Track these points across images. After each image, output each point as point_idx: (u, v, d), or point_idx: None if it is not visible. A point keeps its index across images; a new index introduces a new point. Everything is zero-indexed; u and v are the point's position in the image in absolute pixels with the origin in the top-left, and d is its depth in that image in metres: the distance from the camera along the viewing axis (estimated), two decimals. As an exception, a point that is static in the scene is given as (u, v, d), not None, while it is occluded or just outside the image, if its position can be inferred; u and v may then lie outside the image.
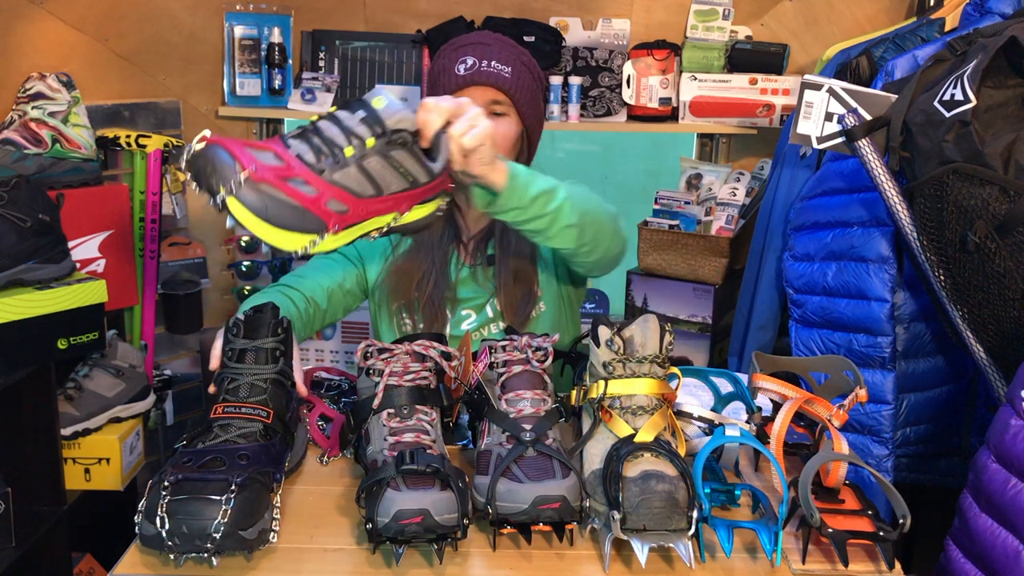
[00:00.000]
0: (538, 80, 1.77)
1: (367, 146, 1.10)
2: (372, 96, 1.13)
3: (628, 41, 2.64)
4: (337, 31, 2.62)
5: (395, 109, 1.13)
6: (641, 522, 1.04)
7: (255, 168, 1.02)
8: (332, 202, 1.07)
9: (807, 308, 1.83)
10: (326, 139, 1.09)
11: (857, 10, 2.49)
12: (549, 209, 1.34)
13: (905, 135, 1.46)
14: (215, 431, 1.15)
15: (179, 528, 1.01)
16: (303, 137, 1.09)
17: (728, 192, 2.51)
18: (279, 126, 2.78)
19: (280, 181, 1.04)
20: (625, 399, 1.17)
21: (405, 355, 1.24)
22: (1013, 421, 1.15)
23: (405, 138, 1.13)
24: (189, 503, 1.02)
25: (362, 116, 1.11)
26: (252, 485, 1.07)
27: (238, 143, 1.05)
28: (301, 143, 1.08)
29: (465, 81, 1.66)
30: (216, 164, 1.02)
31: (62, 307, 1.61)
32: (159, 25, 2.43)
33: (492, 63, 1.66)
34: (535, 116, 1.74)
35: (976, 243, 1.34)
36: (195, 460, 1.09)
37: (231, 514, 1.02)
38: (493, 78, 1.66)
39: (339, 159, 1.08)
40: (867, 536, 1.09)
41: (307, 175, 1.06)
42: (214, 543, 1.01)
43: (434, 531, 1.04)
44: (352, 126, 1.10)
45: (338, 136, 1.09)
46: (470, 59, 1.67)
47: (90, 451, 1.82)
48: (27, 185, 1.63)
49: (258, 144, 1.08)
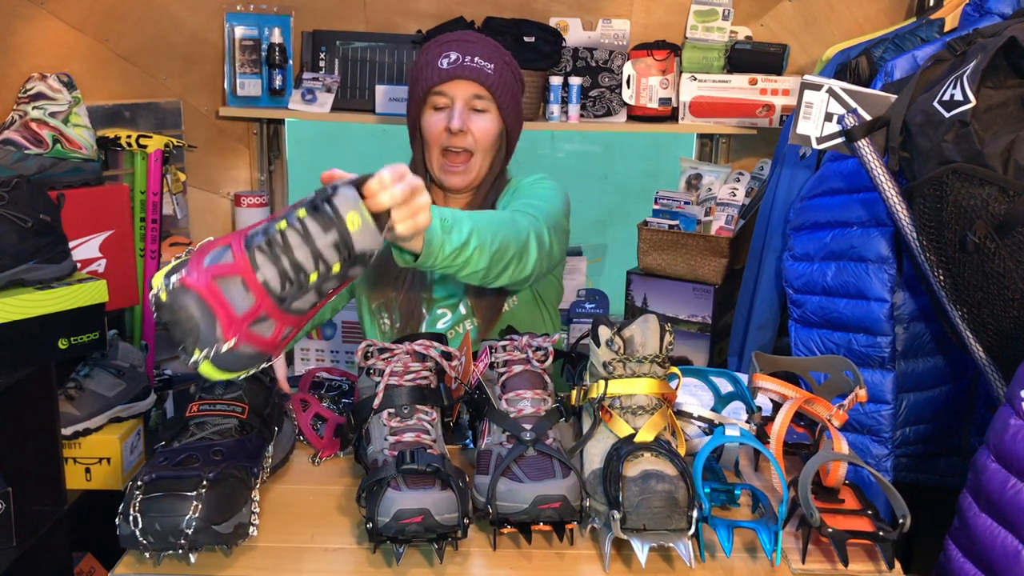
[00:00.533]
0: (519, 81, 1.79)
1: (331, 272, 1.02)
2: (344, 203, 1.02)
3: (628, 41, 2.65)
4: (337, 31, 2.62)
5: (367, 233, 1.03)
6: (641, 522, 1.04)
7: (237, 338, 0.97)
8: (286, 329, 1.02)
9: (807, 308, 1.83)
10: (294, 263, 0.99)
11: (857, 10, 2.49)
12: (459, 261, 1.35)
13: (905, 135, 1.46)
14: (191, 429, 1.16)
15: (152, 526, 1.02)
16: (270, 252, 0.99)
17: (728, 192, 2.51)
18: (279, 127, 2.78)
19: (248, 332, 0.98)
20: (625, 399, 1.17)
21: (406, 355, 1.24)
22: (1013, 421, 1.15)
23: (366, 260, 1.06)
24: (161, 500, 1.02)
25: (334, 240, 1.00)
26: (226, 480, 1.07)
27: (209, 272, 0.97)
28: (267, 262, 0.99)
29: (448, 75, 1.68)
30: (197, 325, 0.95)
31: (63, 307, 1.61)
32: (160, 25, 2.43)
33: (475, 59, 1.68)
34: (515, 115, 1.76)
35: (976, 243, 1.34)
36: (170, 459, 1.10)
37: (203, 509, 1.02)
38: (476, 73, 1.68)
39: (303, 286, 1.00)
40: (867, 536, 1.09)
41: (270, 309, 0.99)
42: (187, 539, 1.02)
43: (434, 531, 1.04)
44: (321, 248, 1.00)
45: (306, 260, 1.00)
46: (454, 54, 1.69)
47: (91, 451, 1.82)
48: (28, 185, 1.63)
49: (222, 241, 1.00)
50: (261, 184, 2.76)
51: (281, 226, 1.01)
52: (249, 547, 1.12)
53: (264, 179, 2.76)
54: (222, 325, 0.96)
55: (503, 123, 1.74)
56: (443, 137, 1.71)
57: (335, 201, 1.02)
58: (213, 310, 0.96)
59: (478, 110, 1.71)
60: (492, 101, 1.71)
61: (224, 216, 2.72)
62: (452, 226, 1.32)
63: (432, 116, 1.73)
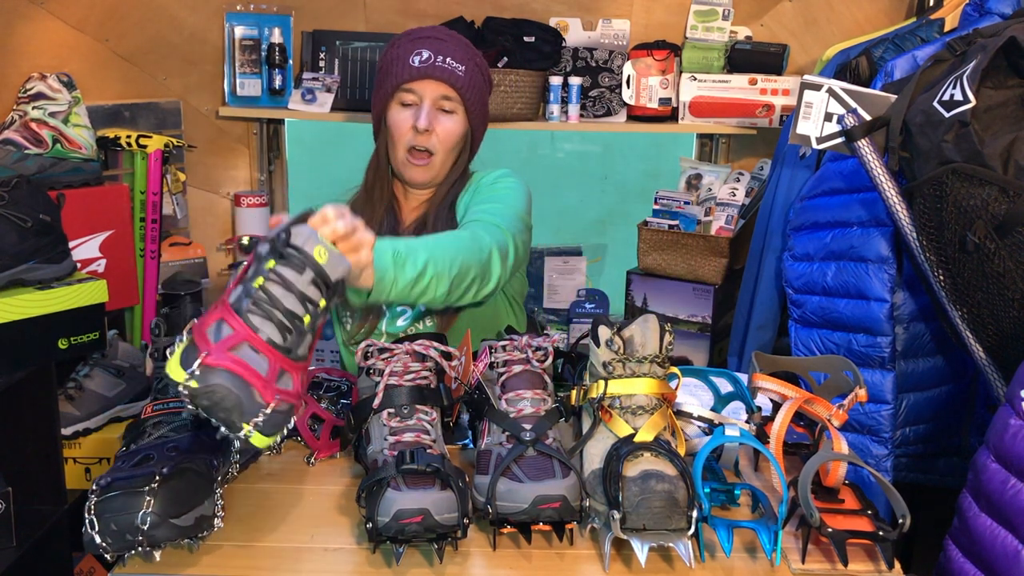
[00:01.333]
0: (488, 83, 1.80)
1: (319, 309, 1.05)
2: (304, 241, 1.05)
3: (628, 41, 2.65)
4: (337, 31, 2.62)
5: (336, 261, 1.07)
6: (641, 522, 1.04)
7: (277, 398, 0.99)
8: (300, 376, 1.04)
9: (807, 308, 1.83)
10: (287, 312, 1.01)
11: (857, 10, 2.50)
12: (415, 292, 1.35)
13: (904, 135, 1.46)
14: (147, 431, 1.16)
15: (108, 527, 1.02)
16: (261, 311, 1.01)
17: (728, 192, 2.51)
18: (279, 127, 2.78)
19: (277, 390, 1.00)
20: (625, 399, 1.17)
21: (405, 355, 1.24)
22: (1012, 421, 1.15)
23: (343, 286, 1.10)
24: (114, 500, 1.02)
25: (311, 278, 1.04)
26: (182, 474, 1.07)
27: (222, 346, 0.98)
28: (264, 320, 1.00)
29: (419, 73, 1.68)
30: (238, 398, 0.97)
31: (63, 307, 1.61)
32: (160, 25, 2.43)
33: (447, 59, 1.68)
34: (481, 117, 1.77)
35: (975, 243, 1.34)
36: (127, 461, 1.10)
37: (156, 503, 1.02)
38: (447, 74, 1.68)
39: (301, 330, 1.03)
40: (867, 536, 1.09)
41: (283, 363, 1.01)
42: (144, 535, 1.01)
43: (434, 531, 1.04)
44: (304, 289, 1.03)
45: (296, 306, 1.02)
46: (426, 52, 1.69)
47: (91, 451, 1.82)
48: (28, 185, 1.63)
49: (212, 317, 1.01)
50: (261, 184, 2.76)
51: (259, 283, 1.02)
52: (248, 547, 1.12)
53: (264, 179, 2.77)
54: (259, 391, 0.98)
55: (468, 124, 1.74)
56: (408, 135, 1.71)
57: (295, 242, 1.04)
58: (246, 379, 0.98)
59: (445, 111, 1.71)
60: (460, 103, 1.71)
61: (224, 216, 2.73)
62: (406, 259, 1.32)
63: (399, 112, 1.72)
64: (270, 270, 1.03)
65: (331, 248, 1.07)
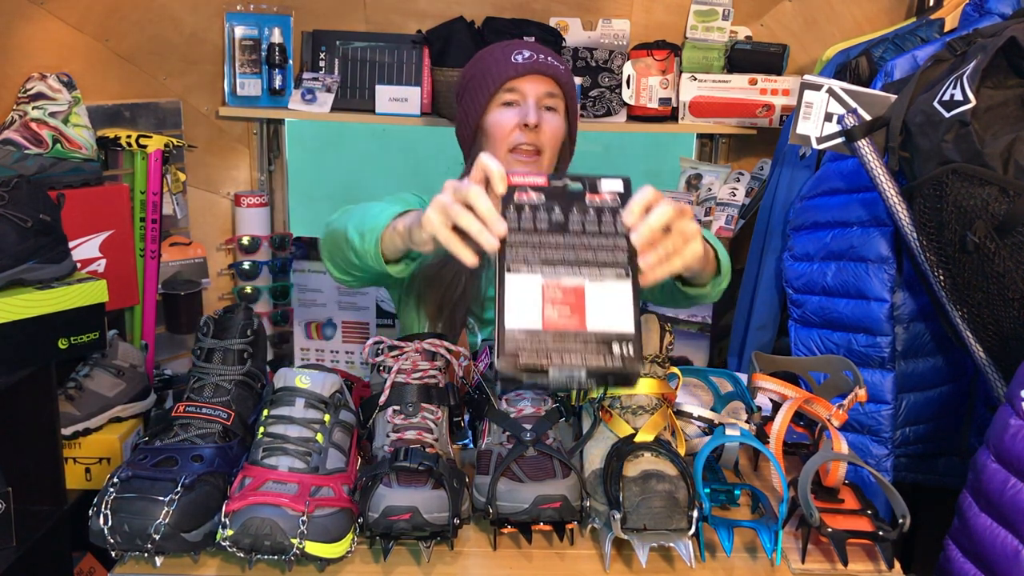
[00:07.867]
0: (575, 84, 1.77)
1: (326, 423, 1.13)
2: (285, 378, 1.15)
3: (628, 41, 2.65)
4: (337, 31, 2.62)
5: (321, 379, 1.16)
6: (641, 522, 1.04)
7: (317, 506, 1.04)
8: (344, 483, 1.11)
9: (806, 308, 1.83)
10: (296, 439, 1.10)
11: (857, 10, 2.49)
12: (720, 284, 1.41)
13: (904, 135, 1.46)
14: (175, 429, 1.15)
15: (121, 526, 1.01)
16: (271, 453, 1.09)
17: (728, 192, 2.51)
18: (279, 127, 2.78)
19: (310, 503, 1.04)
20: (625, 399, 1.17)
21: (415, 353, 1.24)
22: (1012, 421, 1.15)
23: (339, 400, 1.17)
24: (134, 502, 1.02)
25: (303, 402, 1.13)
26: (201, 487, 1.07)
27: None
28: (277, 459, 1.08)
29: (525, 69, 1.63)
30: (272, 522, 1.01)
31: (63, 307, 1.61)
32: (160, 25, 2.43)
33: (548, 58, 1.66)
34: (575, 120, 1.73)
35: (976, 243, 1.34)
36: (150, 458, 1.09)
37: (173, 516, 1.02)
38: (552, 70, 1.65)
39: (319, 449, 1.11)
40: (866, 536, 1.09)
41: (316, 481, 1.07)
42: (154, 544, 1.01)
43: (423, 528, 1.04)
44: (302, 415, 1.12)
45: (302, 431, 1.11)
46: (527, 51, 1.65)
47: (91, 451, 1.82)
48: (28, 185, 1.63)
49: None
50: (261, 184, 2.76)
51: (261, 433, 1.13)
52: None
53: (264, 179, 2.76)
54: (290, 507, 1.02)
55: (568, 125, 1.69)
56: (514, 134, 1.63)
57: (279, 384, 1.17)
58: (274, 504, 1.03)
59: (549, 108, 1.65)
60: (562, 100, 1.66)
61: (224, 216, 2.72)
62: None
63: (502, 112, 1.64)
64: (265, 419, 1.13)
65: (311, 372, 1.16)
